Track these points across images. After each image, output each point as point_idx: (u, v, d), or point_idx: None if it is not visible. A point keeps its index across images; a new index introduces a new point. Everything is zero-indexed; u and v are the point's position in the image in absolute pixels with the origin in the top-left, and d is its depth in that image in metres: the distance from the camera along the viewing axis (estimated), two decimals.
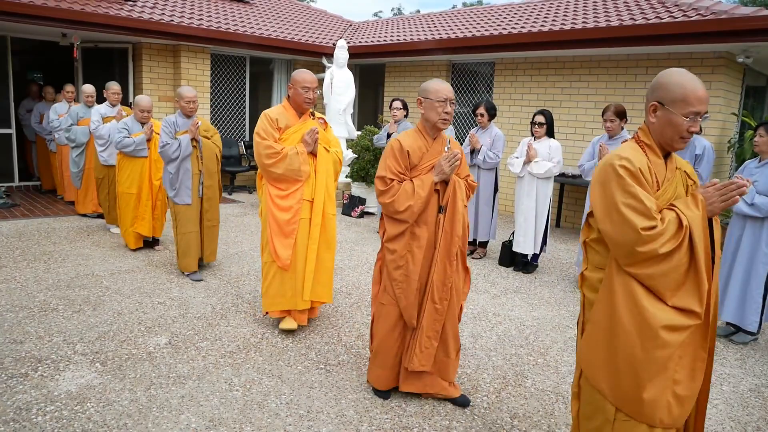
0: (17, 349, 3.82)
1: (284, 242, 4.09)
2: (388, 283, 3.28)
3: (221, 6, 11.95)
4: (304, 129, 4.18)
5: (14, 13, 7.87)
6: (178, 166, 5.32)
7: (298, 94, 4.13)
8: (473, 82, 10.55)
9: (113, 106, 7.15)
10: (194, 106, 5.45)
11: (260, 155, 4.03)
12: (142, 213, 6.25)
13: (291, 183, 4.09)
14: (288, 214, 4.07)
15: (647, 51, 7.95)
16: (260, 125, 4.12)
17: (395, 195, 3.13)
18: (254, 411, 3.22)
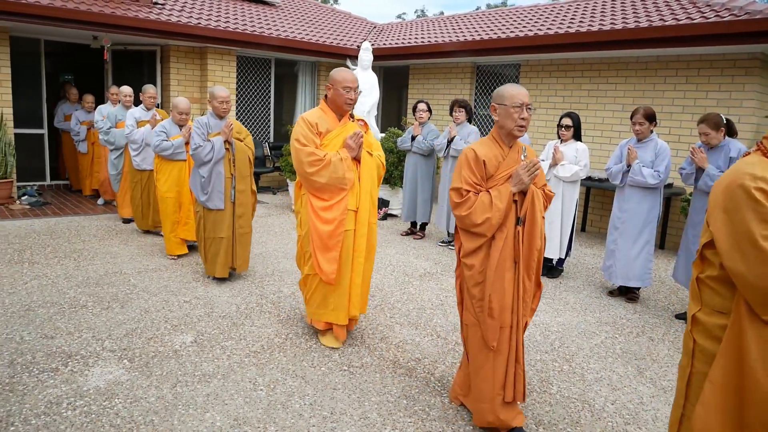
0: (48, 344, 3.90)
1: (328, 256, 3.84)
2: (468, 301, 3.10)
3: (247, 8, 12.07)
4: (345, 133, 3.90)
5: (48, 17, 8.04)
6: (210, 170, 5.14)
7: (338, 95, 3.86)
8: (498, 84, 10.50)
9: (148, 110, 7.08)
10: (227, 107, 5.27)
11: (301, 163, 3.76)
12: (184, 217, 6.13)
13: (335, 192, 3.81)
14: (331, 226, 3.81)
15: (677, 52, 7.83)
16: (299, 131, 3.83)
17: (472, 207, 2.96)
18: (278, 411, 3.24)
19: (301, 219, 3.99)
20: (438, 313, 4.97)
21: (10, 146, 8.43)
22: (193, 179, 5.28)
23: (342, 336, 4.11)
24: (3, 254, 5.95)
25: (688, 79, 7.84)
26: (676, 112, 7.97)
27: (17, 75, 9.17)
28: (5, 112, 8.52)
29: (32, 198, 8.64)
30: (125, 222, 7.76)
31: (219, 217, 5.24)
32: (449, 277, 6.02)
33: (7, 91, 8.56)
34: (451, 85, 11.06)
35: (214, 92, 5.25)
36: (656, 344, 4.55)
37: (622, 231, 5.42)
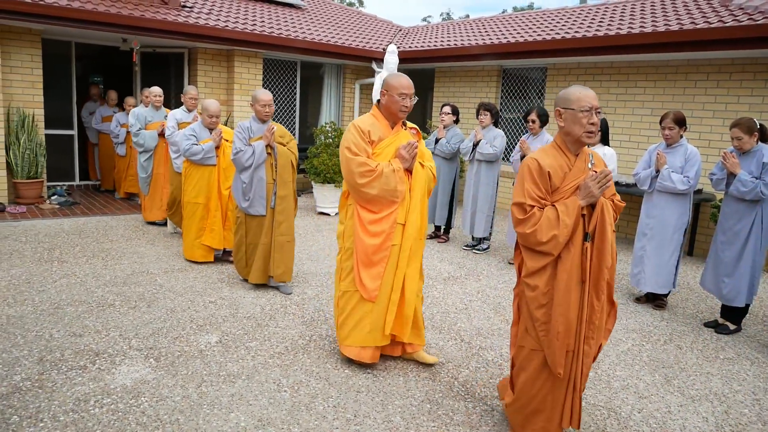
0: (77, 342, 3.96)
1: (372, 272, 3.60)
2: (529, 323, 2.87)
3: (273, 11, 12.16)
4: (397, 141, 3.68)
5: (79, 20, 8.19)
6: (251, 175, 4.98)
7: (393, 102, 3.63)
8: (524, 87, 10.43)
9: (189, 111, 6.93)
10: (270, 110, 5.10)
11: (352, 173, 3.53)
12: (211, 224, 5.94)
13: (385, 205, 3.58)
14: (379, 239, 3.58)
15: (708, 56, 7.70)
16: (350, 138, 3.60)
17: (537, 224, 2.71)
18: (302, 413, 3.24)
19: (345, 231, 3.75)
20: (462, 317, 4.94)
21: (41, 147, 8.60)
22: (235, 185, 5.16)
23: (374, 357, 3.78)
24: (33, 253, 6.06)
25: (720, 83, 7.70)
26: (706, 116, 7.84)
27: (48, 77, 9.35)
28: (36, 114, 8.69)
29: (61, 198, 8.80)
30: (149, 224, 7.76)
31: (259, 223, 5.09)
32: (473, 281, 5.99)
33: (39, 93, 8.74)
34: (476, 88, 11.01)
35: (257, 95, 5.07)
36: (684, 352, 4.47)
37: (651, 237, 5.34)
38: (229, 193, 5.83)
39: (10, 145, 8.31)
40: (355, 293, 3.67)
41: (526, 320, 2.90)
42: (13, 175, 8.44)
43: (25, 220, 7.55)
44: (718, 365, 4.27)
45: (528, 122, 6.51)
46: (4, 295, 4.79)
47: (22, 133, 8.34)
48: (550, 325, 2.76)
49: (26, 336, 4.01)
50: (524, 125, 10.16)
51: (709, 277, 5.08)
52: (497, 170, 7.06)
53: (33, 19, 7.91)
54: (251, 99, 5.14)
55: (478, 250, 7.27)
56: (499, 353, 4.23)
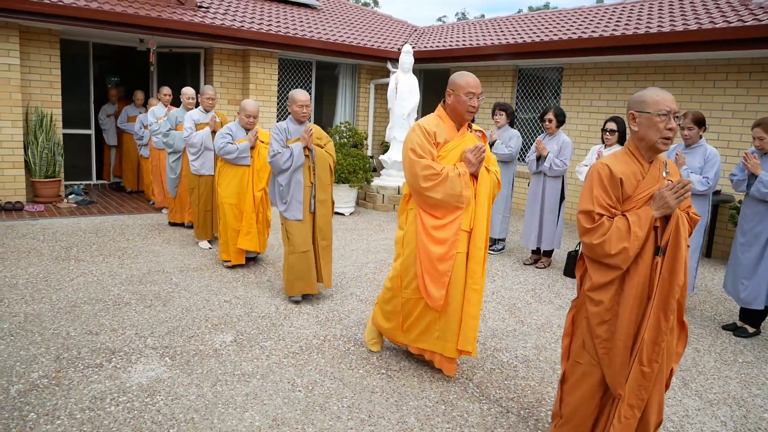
0: (93, 341, 3.99)
1: (438, 280, 3.46)
2: (588, 339, 2.70)
3: (289, 11, 12.19)
4: (463, 144, 3.53)
5: (98, 20, 8.27)
6: (289, 178, 4.79)
7: (460, 102, 3.49)
8: (540, 87, 10.37)
9: (207, 112, 6.70)
10: (307, 111, 4.91)
11: (416, 177, 3.41)
12: (247, 227, 5.77)
13: (450, 211, 3.45)
14: (443, 247, 3.43)
15: (727, 56, 7.61)
16: (414, 140, 3.47)
17: (606, 235, 2.54)
18: (316, 413, 3.24)
19: (405, 236, 3.63)
20: None
21: (59, 146, 8.69)
22: (272, 188, 5.00)
23: (451, 371, 3.69)
24: (51, 251, 6.12)
25: (739, 83, 7.60)
26: (725, 117, 7.74)
27: (66, 77, 9.45)
28: (54, 113, 8.78)
29: (79, 197, 8.88)
30: (179, 225, 7.63)
31: (299, 229, 4.86)
32: (488, 282, 5.95)
33: (57, 93, 8.83)
34: (492, 88, 10.97)
35: (294, 96, 4.88)
36: (702, 356, 4.41)
37: None
38: (262, 195, 5.78)
39: (28, 144, 8.40)
40: (420, 300, 3.56)
41: (584, 335, 2.72)
42: (31, 174, 8.53)
43: (42, 219, 7.63)
44: (736, 369, 4.21)
45: (544, 122, 6.46)
46: (22, 293, 4.84)
47: (40, 132, 8.43)
48: (612, 343, 2.59)
49: (44, 334, 4.05)
50: (540, 125, 10.13)
51: (730, 279, 5.01)
52: (512, 171, 7.01)
53: (52, 19, 8.00)
54: (289, 99, 4.93)
55: (493, 251, 7.23)
56: (513, 355, 4.20)
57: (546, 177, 6.43)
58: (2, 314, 4.36)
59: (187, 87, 7.31)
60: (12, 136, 8.27)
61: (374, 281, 5.73)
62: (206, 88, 6.70)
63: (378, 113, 12.58)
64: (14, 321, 4.24)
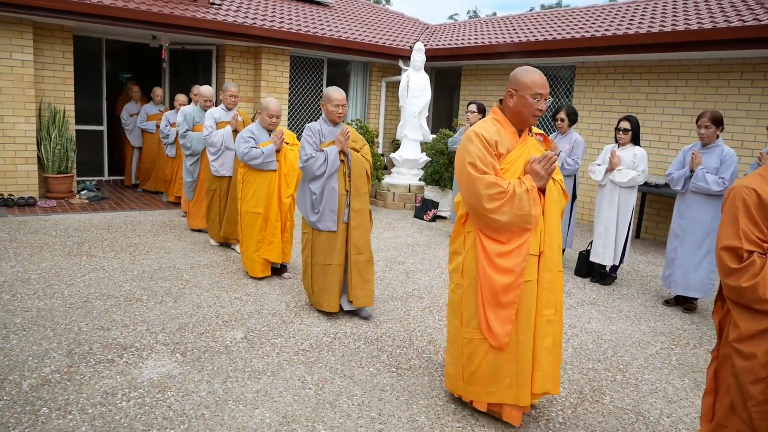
0: (105, 336, 4.00)
1: (502, 315, 2.96)
2: (739, 400, 2.27)
3: (301, 9, 12.19)
4: (526, 153, 3.04)
5: (111, 17, 8.31)
6: (323, 185, 4.37)
7: (525, 105, 2.99)
8: (552, 85, 10.31)
9: (228, 110, 6.36)
10: (344, 111, 4.48)
11: (478, 196, 2.89)
12: (270, 236, 5.35)
13: (516, 234, 2.94)
14: (510, 277, 2.93)
15: (742, 55, 7.53)
16: (474, 152, 2.94)
17: (758, 276, 2.15)
18: (326, 410, 3.23)
19: (465, 264, 3.12)
20: None
21: (71, 142, 8.74)
22: (302, 196, 4.55)
23: (516, 420, 3.13)
24: (63, 247, 6.16)
25: (754, 82, 7.52)
26: (739, 116, 7.67)
27: (79, 73, 9.49)
28: (67, 109, 8.83)
29: (91, 192, 8.93)
30: (194, 231, 7.23)
31: (330, 241, 4.45)
32: None
33: (70, 89, 8.88)
34: (504, 86, 10.92)
35: (329, 94, 4.46)
36: None
37: (683, 239, 5.23)
38: (290, 203, 5.39)
39: (41, 140, 8.46)
40: (483, 341, 3.04)
41: (733, 395, 2.31)
42: (44, 169, 8.59)
43: (55, 214, 7.68)
44: None
45: (556, 121, 6.42)
46: (34, 288, 4.87)
47: (53, 128, 8.48)
48: None
49: (56, 329, 4.07)
50: (551, 124, 10.08)
51: None
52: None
53: (65, 16, 8.03)
54: (323, 98, 4.52)
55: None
56: None
57: None
58: (15, 309, 4.39)
59: (205, 86, 7.02)
60: (25, 132, 8.32)
61: (384, 279, 5.72)
62: (229, 84, 6.37)
63: (389, 111, 12.57)
64: (27, 316, 4.27)
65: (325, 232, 4.44)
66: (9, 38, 8.02)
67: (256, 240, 5.35)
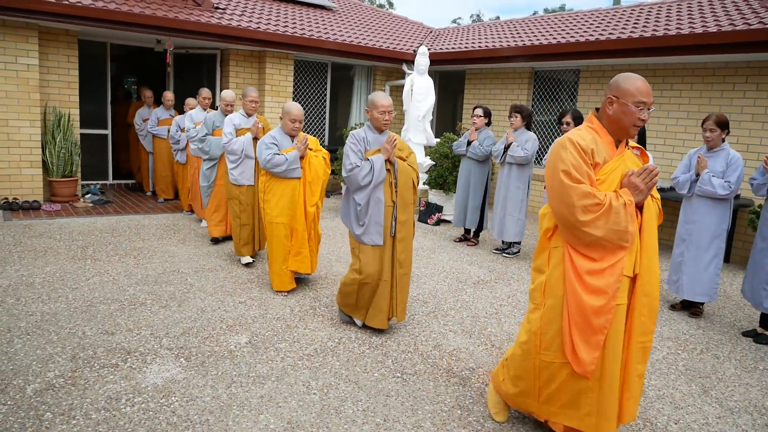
0: (109, 340, 3.99)
1: (591, 340, 2.73)
2: None
3: (305, 13, 12.21)
4: (623, 166, 2.82)
5: (115, 21, 8.33)
6: (368, 196, 4.15)
7: (627, 113, 2.77)
8: (556, 89, 10.30)
9: (249, 116, 6.13)
10: (390, 117, 4.24)
11: (572, 206, 2.69)
12: (298, 247, 5.11)
13: (610, 251, 2.72)
14: (602, 298, 2.70)
15: (747, 58, 7.50)
16: (568, 159, 2.74)
17: None
18: (331, 416, 3.22)
19: (549, 282, 2.90)
20: (492, 321, 4.87)
21: (76, 146, 8.76)
22: (346, 208, 4.35)
23: None
24: (68, 251, 6.16)
25: (759, 85, 7.49)
26: (745, 120, 7.64)
27: (83, 77, 9.52)
28: (72, 113, 8.85)
29: (95, 196, 8.94)
30: (214, 242, 6.92)
31: (377, 255, 4.24)
32: (503, 286, 5.91)
33: (75, 93, 8.90)
34: (508, 90, 10.91)
35: (375, 100, 4.22)
36: (722, 362, 4.33)
37: (689, 243, 5.21)
38: (315, 212, 5.17)
39: (46, 143, 8.47)
40: (565, 365, 2.83)
41: None
42: (48, 173, 8.60)
43: (59, 218, 7.69)
44: (757, 376, 4.14)
45: (562, 124, 6.40)
46: (38, 292, 4.87)
47: (58, 132, 8.50)
48: None
49: (60, 333, 4.07)
50: (557, 128, 10.06)
51: (748, 284, 4.94)
52: (529, 173, 6.96)
53: (70, 20, 8.06)
54: (368, 103, 4.30)
55: (509, 254, 7.18)
56: None
57: None
58: (19, 313, 4.38)
59: (226, 90, 6.83)
60: (30, 136, 8.34)
61: None
62: (249, 89, 6.11)
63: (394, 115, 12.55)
64: (31, 320, 4.26)
65: (371, 246, 4.22)
66: (14, 42, 8.05)
67: (282, 251, 5.12)
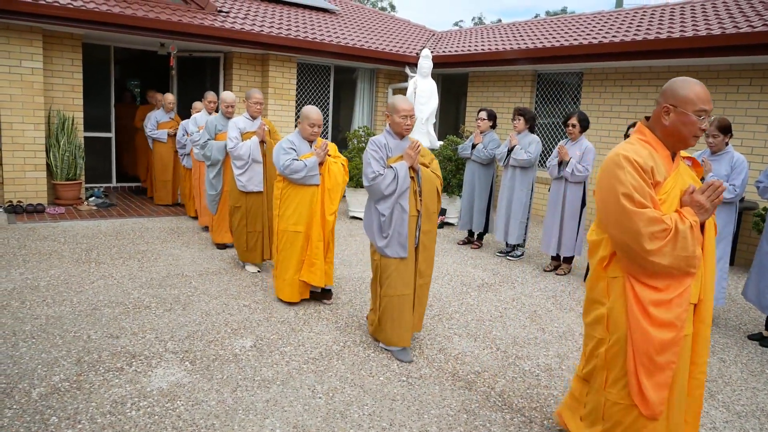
0: (113, 344, 3.99)
1: (659, 378, 2.47)
2: None
3: (308, 16, 12.22)
4: (681, 181, 2.57)
5: (119, 25, 8.35)
6: (392, 206, 3.92)
7: (687, 123, 2.51)
8: (559, 92, 10.29)
9: (253, 119, 5.87)
10: (412, 123, 4.02)
11: (638, 235, 2.41)
12: (312, 257, 4.85)
13: (677, 279, 2.46)
14: (670, 331, 2.45)
15: (752, 61, 7.49)
16: (628, 181, 2.44)
17: None
18: (337, 420, 3.21)
19: (612, 315, 2.62)
20: (497, 325, 4.86)
21: (80, 149, 8.77)
22: (368, 218, 4.12)
23: None
24: (72, 254, 6.16)
25: (763, 88, 7.48)
26: (749, 122, 7.62)
27: (87, 80, 9.53)
28: (76, 117, 8.86)
29: (99, 199, 8.95)
30: (219, 248, 6.81)
31: (401, 268, 4.01)
32: (508, 289, 5.89)
33: (79, 96, 8.91)
34: (510, 93, 10.91)
35: (396, 104, 4.00)
36: (728, 366, 4.32)
37: None
38: (333, 221, 4.90)
39: (50, 147, 8.49)
40: (632, 408, 2.57)
41: None
42: (52, 176, 8.62)
43: (63, 221, 7.69)
44: (764, 380, 4.12)
45: (568, 127, 6.40)
46: (43, 295, 4.87)
47: (62, 135, 8.51)
48: None
49: (65, 336, 4.06)
50: (560, 130, 10.05)
51: (752, 287, 4.91)
52: (532, 176, 6.95)
53: (75, 24, 8.07)
54: (389, 108, 4.06)
55: (512, 257, 7.17)
56: (535, 363, 4.14)
57: (567, 183, 6.36)
58: (24, 316, 4.38)
59: (227, 92, 6.60)
60: (34, 139, 8.36)
61: None
62: (253, 91, 5.84)
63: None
64: (36, 323, 4.26)
65: (395, 259, 3.99)
66: (19, 46, 8.07)
67: (297, 261, 4.87)
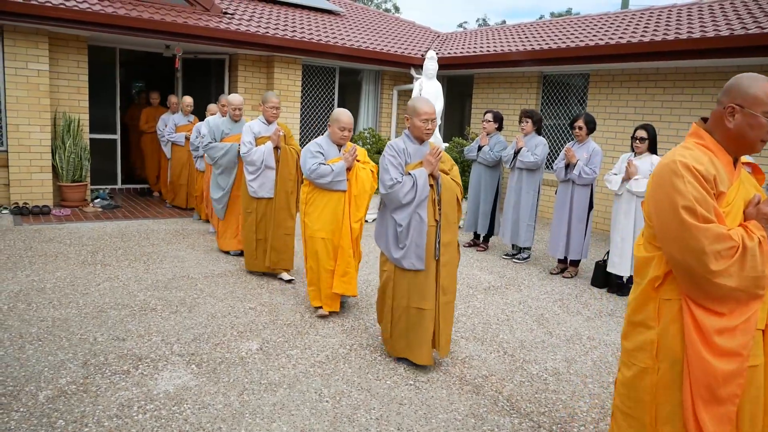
0: (120, 347, 3.98)
1: (720, 412, 2.14)
2: None
3: (313, 18, 12.22)
4: (743, 190, 2.27)
5: (125, 27, 8.35)
6: (410, 215, 3.71)
7: (756, 126, 2.18)
8: (565, 94, 10.25)
9: (269, 123, 5.73)
10: (433, 126, 3.80)
11: (700, 254, 2.06)
12: (344, 266, 4.65)
13: (743, 303, 2.14)
14: (734, 361, 2.12)
15: (760, 62, 7.44)
16: (689, 192, 2.10)
17: None
18: (344, 424, 3.19)
19: (662, 342, 2.27)
20: (504, 328, 4.83)
21: (86, 151, 8.77)
22: (381, 228, 3.94)
23: None
24: (77, 255, 6.16)
25: None
26: None
27: (93, 82, 9.54)
28: (82, 118, 8.87)
29: (104, 201, 8.95)
30: (226, 253, 6.63)
31: (418, 281, 3.79)
32: (514, 292, 5.86)
33: (84, 98, 8.92)
34: (516, 94, 10.88)
35: (416, 107, 3.78)
36: None
37: None
38: (359, 228, 4.76)
39: (56, 148, 8.49)
40: None
41: None
42: (58, 178, 8.62)
43: (69, 223, 7.70)
44: None
45: (574, 129, 6.37)
46: (49, 297, 4.86)
47: (67, 137, 8.52)
48: None
49: (71, 339, 4.05)
50: (566, 132, 10.02)
51: None
52: (539, 178, 6.92)
53: (80, 26, 8.09)
54: (408, 110, 3.85)
55: (519, 260, 7.14)
56: (543, 367, 4.11)
57: (574, 185, 6.33)
58: (30, 318, 4.38)
59: (234, 94, 6.47)
60: (40, 141, 8.37)
61: None
62: (270, 95, 5.67)
63: (401, 119, 12.54)
64: (42, 326, 4.25)
65: (411, 271, 3.79)
66: (25, 48, 8.08)
67: (326, 269, 4.68)
